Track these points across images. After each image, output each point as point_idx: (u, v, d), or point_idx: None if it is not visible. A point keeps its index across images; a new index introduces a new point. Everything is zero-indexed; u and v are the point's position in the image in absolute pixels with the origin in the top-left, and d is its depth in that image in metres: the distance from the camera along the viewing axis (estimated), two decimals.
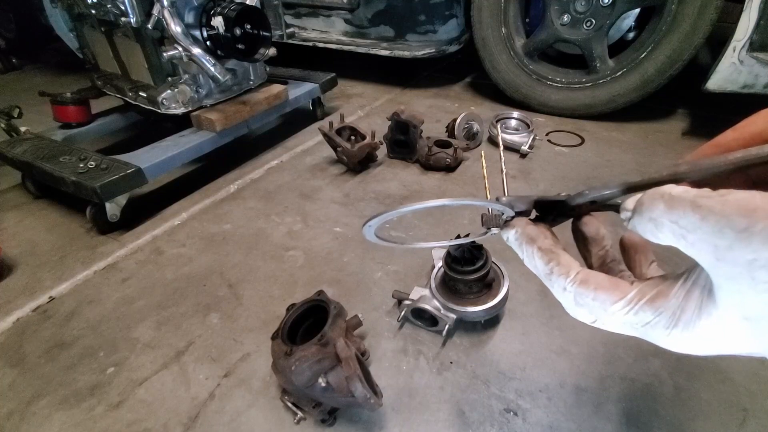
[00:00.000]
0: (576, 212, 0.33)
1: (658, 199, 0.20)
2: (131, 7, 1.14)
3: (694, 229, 0.19)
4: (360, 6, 1.90)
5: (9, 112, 1.41)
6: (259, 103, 1.45)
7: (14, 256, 1.07)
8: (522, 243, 0.31)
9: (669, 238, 0.20)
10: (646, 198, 0.21)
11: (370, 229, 0.32)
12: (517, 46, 1.68)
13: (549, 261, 0.29)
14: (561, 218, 0.34)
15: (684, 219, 0.19)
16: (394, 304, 0.87)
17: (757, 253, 0.17)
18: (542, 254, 0.29)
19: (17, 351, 0.82)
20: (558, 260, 0.28)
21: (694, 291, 0.22)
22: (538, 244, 0.30)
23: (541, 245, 0.30)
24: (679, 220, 0.19)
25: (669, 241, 0.20)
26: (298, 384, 0.60)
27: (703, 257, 0.19)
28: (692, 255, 0.20)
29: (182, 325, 0.86)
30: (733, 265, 0.18)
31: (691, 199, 0.19)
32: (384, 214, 0.30)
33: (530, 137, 1.41)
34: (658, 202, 0.20)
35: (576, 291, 0.26)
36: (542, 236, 0.30)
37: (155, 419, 0.69)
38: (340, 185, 1.31)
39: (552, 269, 0.28)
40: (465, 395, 0.70)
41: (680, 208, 0.19)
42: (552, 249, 0.29)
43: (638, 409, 0.67)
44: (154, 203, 1.25)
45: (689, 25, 1.36)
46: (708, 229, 0.18)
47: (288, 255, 1.03)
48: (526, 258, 0.31)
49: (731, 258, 0.18)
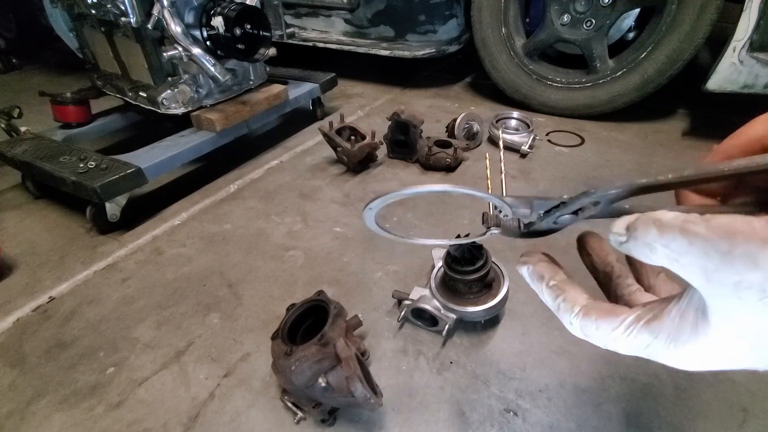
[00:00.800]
0: (581, 213, 0.33)
1: (651, 225, 0.21)
2: (131, 7, 1.14)
3: (684, 252, 0.20)
4: (360, 6, 1.90)
5: (9, 112, 1.41)
6: (259, 103, 1.45)
7: (14, 256, 1.07)
8: (533, 280, 0.33)
9: (663, 261, 0.21)
10: (639, 223, 0.22)
11: (370, 213, 0.32)
12: (517, 46, 1.68)
13: (556, 297, 0.31)
14: (564, 219, 0.34)
15: (674, 243, 0.20)
16: (394, 304, 0.87)
17: (741, 275, 0.18)
18: (550, 291, 0.31)
19: (17, 351, 0.82)
20: (564, 296, 0.30)
21: (688, 312, 0.23)
22: (547, 281, 0.32)
23: (550, 282, 0.32)
24: (670, 245, 0.20)
25: (663, 263, 0.21)
26: (298, 384, 0.60)
27: (695, 279, 0.20)
28: (685, 277, 0.21)
29: (182, 325, 0.86)
30: (720, 286, 0.19)
31: (680, 224, 0.20)
32: (386, 195, 0.30)
33: (530, 137, 1.41)
34: (651, 227, 0.21)
35: (580, 323, 0.28)
36: (551, 273, 0.33)
37: (155, 419, 0.69)
38: (340, 185, 1.31)
39: (559, 305, 0.30)
40: (465, 395, 0.70)
41: (670, 233, 0.20)
42: (560, 285, 0.31)
43: (638, 409, 0.67)
44: (154, 203, 1.25)
45: (689, 25, 1.36)
46: (696, 253, 0.19)
47: (288, 255, 1.03)
48: (538, 293, 0.33)
49: (718, 279, 0.19)
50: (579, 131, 1.56)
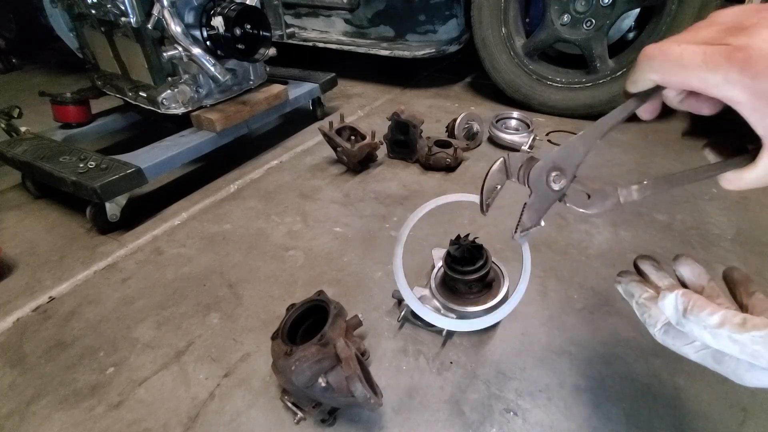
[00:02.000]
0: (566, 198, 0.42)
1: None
2: (131, 7, 1.14)
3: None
4: (360, 6, 1.90)
5: (9, 112, 1.41)
6: (259, 103, 1.45)
7: (14, 256, 1.07)
8: (625, 296, 0.42)
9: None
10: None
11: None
12: (517, 46, 1.68)
13: (642, 313, 0.39)
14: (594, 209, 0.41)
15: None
16: (394, 304, 0.87)
17: None
18: (638, 307, 0.39)
19: (17, 351, 0.82)
20: (649, 312, 0.38)
21: None
22: (637, 298, 0.40)
23: (639, 300, 0.39)
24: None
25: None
26: (298, 384, 0.60)
27: None
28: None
29: (182, 325, 0.86)
30: None
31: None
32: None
33: (530, 137, 1.41)
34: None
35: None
36: (640, 291, 0.40)
37: (155, 419, 0.69)
38: (340, 185, 1.31)
39: (645, 320, 0.39)
40: (465, 395, 0.70)
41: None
42: (646, 303, 0.39)
43: (638, 409, 0.67)
44: (154, 203, 1.25)
45: (689, 25, 1.35)
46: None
47: (288, 255, 1.03)
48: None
49: None
50: (579, 131, 1.56)
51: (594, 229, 1.05)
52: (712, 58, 0.27)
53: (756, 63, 0.25)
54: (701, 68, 0.28)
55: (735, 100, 0.27)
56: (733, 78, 0.26)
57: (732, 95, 0.27)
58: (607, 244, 1.01)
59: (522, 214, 0.40)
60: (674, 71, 0.29)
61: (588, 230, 1.05)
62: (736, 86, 0.27)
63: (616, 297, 0.86)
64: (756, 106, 0.27)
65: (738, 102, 0.27)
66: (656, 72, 0.31)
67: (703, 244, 0.99)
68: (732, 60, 0.26)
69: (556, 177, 0.38)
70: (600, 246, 1.00)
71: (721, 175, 0.33)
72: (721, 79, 0.27)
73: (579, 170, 0.39)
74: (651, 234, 1.03)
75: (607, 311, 0.84)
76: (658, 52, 0.30)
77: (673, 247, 0.99)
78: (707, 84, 0.28)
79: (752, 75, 0.26)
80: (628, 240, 1.02)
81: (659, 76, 0.31)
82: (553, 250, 1.00)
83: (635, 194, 0.37)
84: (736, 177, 0.32)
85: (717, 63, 0.27)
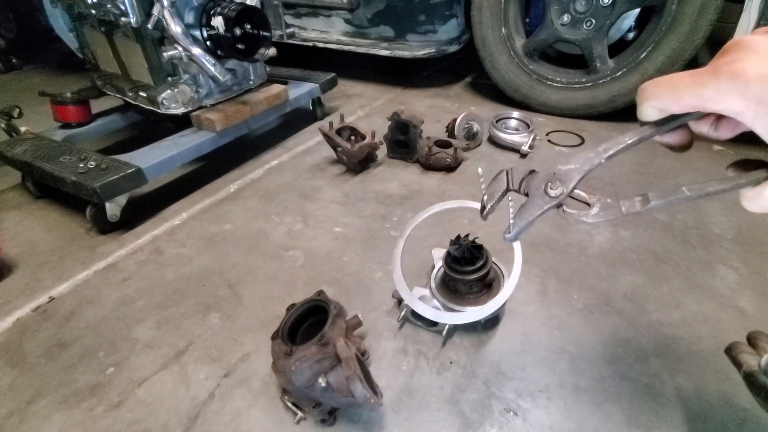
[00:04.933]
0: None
1: None
2: (131, 7, 1.14)
3: None
4: (360, 6, 1.90)
5: (9, 112, 1.41)
6: (259, 103, 1.45)
7: (14, 256, 1.07)
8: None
9: None
10: None
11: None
12: (517, 46, 1.67)
13: None
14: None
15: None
16: (394, 304, 0.87)
17: None
18: None
19: (17, 351, 0.82)
20: None
21: None
22: None
23: None
24: None
25: None
26: (298, 384, 0.60)
27: None
28: None
29: (182, 325, 0.86)
30: None
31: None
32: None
33: (530, 137, 1.41)
34: None
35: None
36: None
37: (155, 419, 0.69)
38: (340, 185, 1.31)
39: None
40: (465, 395, 0.70)
41: None
42: None
43: (638, 409, 0.67)
44: (154, 203, 1.25)
45: (689, 25, 1.36)
46: None
47: (288, 255, 1.03)
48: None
49: None
50: (579, 131, 1.56)
51: (594, 229, 1.05)
52: (699, 77, 0.29)
53: (743, 72, 0.26)
54: (690, 87, 0.29)
55: (734, 110, 0.28)
56: (724, 88, 0.27)
57: (729, 105, 0.28)
58: (608, 244, 1.01)
59: (514, 215, 0.40)
60: (667, 95, 0.31)
61: (588, 230, 1.05)
62: (729, 95, 0.27)
63: (616, 297, 0.86)
64: (758, 113, 0.27)
65: (738, 112, 0.28)
66: (652, 100, 0.32)
67: (704, 244, 0.99)
68: (719, 73, 0.28)
69: (554, 185, 0.38)
70: (600, 246, 1.00)
71: (741, 192, 0.32)
72: (713, 91, 0.28)
73: (580, 185, 0.39)
74: (651, 234, 1.03)
75: (607, 311, 0.84)
76: (650, 83, 0.32)
77: (673, 247, 0.99)
78: (703, 99, 0.29)
79: (743, 82, 0.26)
80: (629, 240, 1.02)
81: (656, 102, 0.32)
82: (553, 250, 1.00)
83: (638, 206, 0.37)
84: (756, 194, 0.31)
85: (705, 79, 0.28)
